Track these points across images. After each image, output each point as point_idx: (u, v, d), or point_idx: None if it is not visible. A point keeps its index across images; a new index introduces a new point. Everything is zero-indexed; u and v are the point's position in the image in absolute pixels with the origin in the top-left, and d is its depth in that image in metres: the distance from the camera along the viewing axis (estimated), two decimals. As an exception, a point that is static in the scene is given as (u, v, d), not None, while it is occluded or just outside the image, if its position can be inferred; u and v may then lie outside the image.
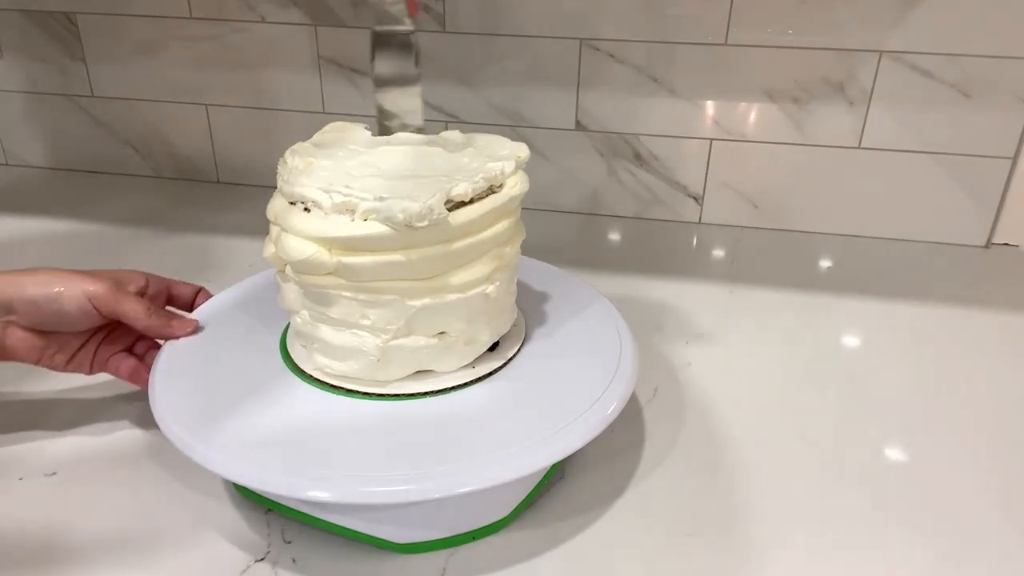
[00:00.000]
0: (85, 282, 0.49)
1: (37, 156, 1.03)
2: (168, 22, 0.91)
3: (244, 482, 0.42)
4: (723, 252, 0.84)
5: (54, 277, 0.49)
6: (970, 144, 0.81)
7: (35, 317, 0.49)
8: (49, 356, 0.51)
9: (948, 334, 0.69)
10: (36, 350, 0.50)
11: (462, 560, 0.45)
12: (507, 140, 0.52)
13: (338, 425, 0.45)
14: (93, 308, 0.49)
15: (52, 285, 0.49)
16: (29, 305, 0.48)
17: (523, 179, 0.49)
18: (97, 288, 0.49)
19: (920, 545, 0.46)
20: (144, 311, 0.51)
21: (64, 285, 0.49)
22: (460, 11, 0.84)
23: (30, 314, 0.49)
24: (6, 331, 0.49)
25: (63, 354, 0.51)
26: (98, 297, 0.49)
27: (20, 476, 0.50)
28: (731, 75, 0.82)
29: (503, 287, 0.49)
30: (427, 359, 0.48)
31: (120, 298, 0.50)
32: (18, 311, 0.49)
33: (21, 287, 0.48)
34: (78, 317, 0.49)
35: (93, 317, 0.50)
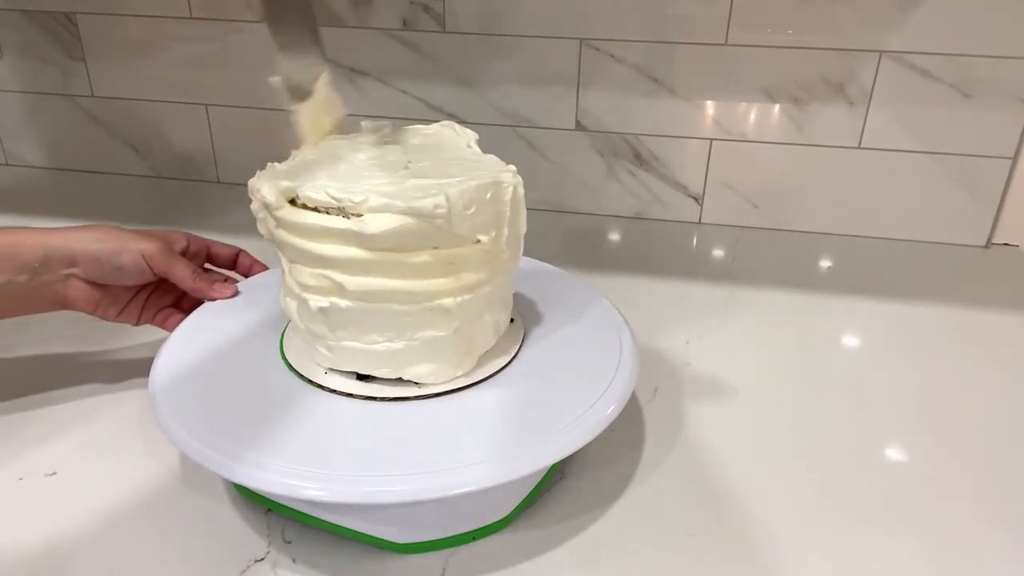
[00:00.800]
0: (141, 241, 0.54)
1: (37, 156, 1.03)
2: (168, 22, 0.91)
3: (244, 482, 0.42)
4: (723, 252, 0.84)
5: (113, 235, 0.53)
6: (970, 144, 0.81)
7: (95, 271, 0.53)
8: (103, 307, 0.55)
9: (948, 334, 0.69)
10: (92, 301, 0.54)
11: (462, 560, 0.45)
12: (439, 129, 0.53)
13: (338, 425, 0.45)
14: (147, 266, 0.54)
15: (112, 242, 0.53)
16: (91, 260, 0.52)
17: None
18: (151, 248, 0.54)
19: (920, 545, 0.46)
20: (191, 274, 0.55)
21: (122, 243, 0.53)
22: (460, 11, 0.84)
23: (91, 268, 0.53)
24: (68, 282, 0.53)
25: (115, 306, 0.56)
26: (152, 256, 0.54)
27: (20, 476, 0.50)
28: (731, 75, 0.82)
29: (469, 304, 0.47)
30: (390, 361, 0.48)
31: (171, 259, 0.54)
32: (80, 264, 0.53)
33: (84, 243, 0.52)
34: (134, 273, 0.54)
35: (147, 274, 0.54)
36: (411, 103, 0.89)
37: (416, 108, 0.89)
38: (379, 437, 0.44)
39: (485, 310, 0.48)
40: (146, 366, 0.51)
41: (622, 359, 0.50)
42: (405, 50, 0.87)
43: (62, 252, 0.52)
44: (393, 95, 0.89)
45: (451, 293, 0.46)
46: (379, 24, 0.87)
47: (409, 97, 0.89)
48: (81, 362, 0.61)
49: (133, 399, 0.57)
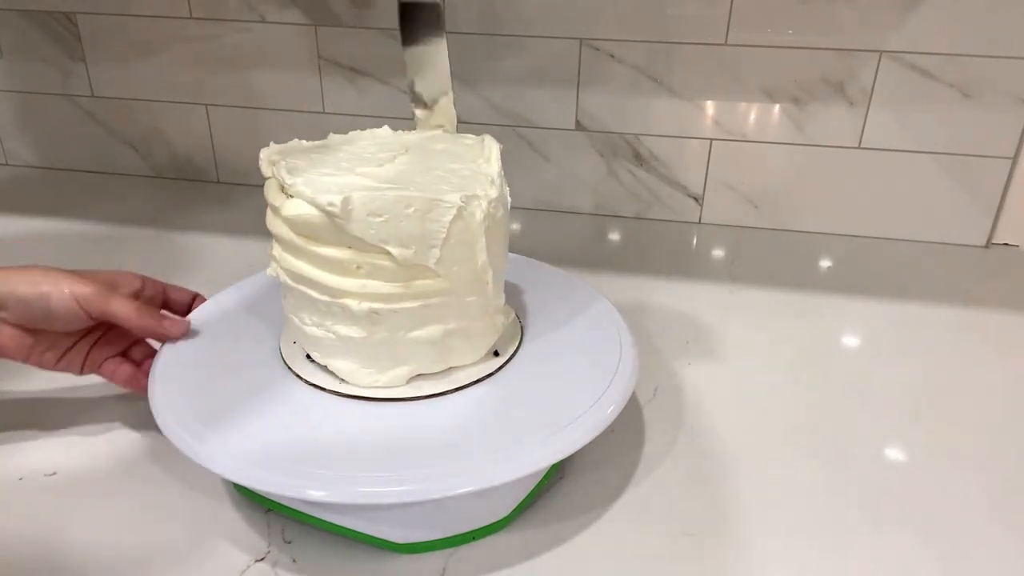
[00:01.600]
0: (74, 283, 0.49)
1: (37, 156, 1.03)
2: (168, 22, 0.91)
3: (244, 482, 0.42)
4: (723, 252, 0.84)
5: (44, 276, 0.49)
6: (970, 144, 0.81)
7: (24, 315, 0.49)
8: (38, 354, 0.51)
9: (948, 334, 0.69)
10: (25, 348, 0.50)
11: (462, 560, 0.45)
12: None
13: (338, 425, 0.45)
14: (81, 309, 0.49)
15: (41, 284, 0.49)
16: (18, 303, 0.48)
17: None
18: (85, 290, 0.49)
19: (920, 545, 0.46)
20: (135, 311, 0.50)
21: (52, 285, 0.49)
22: (460, 11, 0.84)
23: (19, 312, 0.49)
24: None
25: (53, 353, 0.51)
26: (85, 298, 0.49)
27: (20, 476, 0.50)
28: (731, 75, 0.82)
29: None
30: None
31: (108, 299, 0.50)
32: (7, 308, 0.49)
33: (11, 285, 0.48)
34: (66, 317, 0.49)
35: (81, 318, 0.50)
36: (411, 103, 0.89)
37: (416, 108, 0.89)
38: (379, 437, 0.44)
39: (415, 327, 0.47)
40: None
41: (622, 359, 0.50)
42: (405, 50, 0.87)
43: None
44: (393, 95, 0.89)
45: (356, 296, 0.45)
46: (379, 24, 0.87)
47: (409, 97, 0.89)
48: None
49: (133, 399, 0.57)
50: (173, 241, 0.85)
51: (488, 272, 0.47)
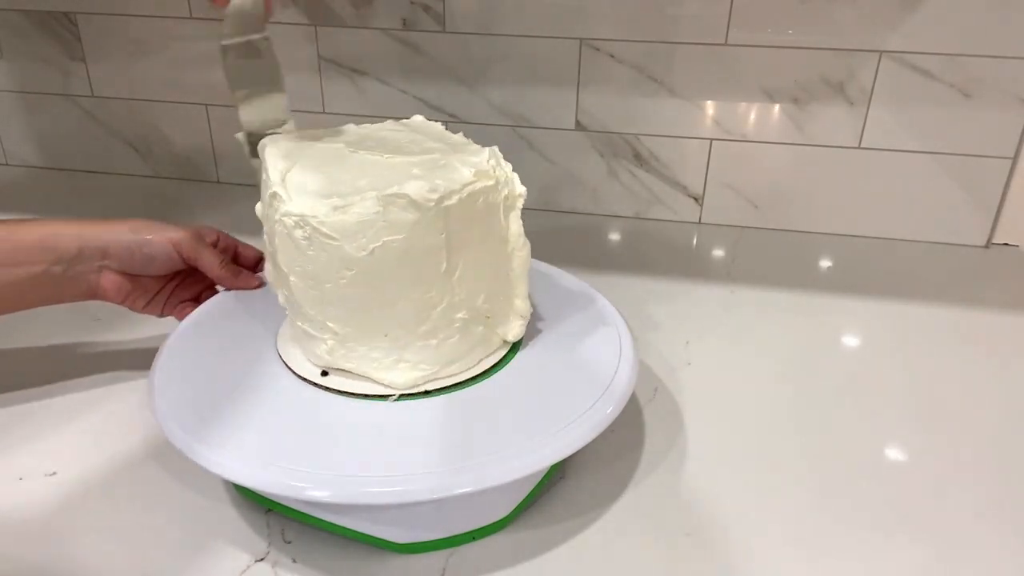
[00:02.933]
0: (170, 230, 0.56)
1: (37, 156, 1.03)
2: (168, 22, 0.91)
3: (244, 482, 0.42)
4: (723, 252, 0.84)
5: (145, 225, 0.56)
6: (970, 144, 0.81)
7: (127, 261, 0.55)
8: (133, 298, 0.57)
9: (948, 334, 0.69)
10: (123, 292, 0.56)
11: (462, 560, 0.45)
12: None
13: (337, 425, 0.45)
14: (176, 254, 0.56)
15: (143, 232, 0.55)
16: (123, 250, 0.54)
17: None
18: (181, 236, 0.56)
19: (920, 545, 0.46)
20: (218, 262, 0.57)
21: (153, 233, 0.55)
22: (460, 11, 0.84)
23: (123, 258, 0.55)
24: (101, 273, 0.55)
25: (144, 298, 0.57)
26: (181, 244, 0.56)
27: (20, 476, 0.50)
28: (731, 75, 0.82)
29: None
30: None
31: (199, 247, 0.56)
32: (113, 255, 0.54)
33: (117, 234, 0.54)
34: (163, 261, 0.56)
35: (176, 262, 0.56)
36: (411, 103, 0.89)
37: (416, 108, 0.89)
38: (379, 437, 0.44)
39: (420, 325, 0.47)
40: (146, 367, 0.51)
41: (622, 359, 0.50)
42: (405, 50, 0.87)
43: (96, 244, 0.54)
44: (393, 95, 0.89)
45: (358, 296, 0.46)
46: (379, 24, 0.87)
47: (409, 97, 0.89)
48: (81, 362, 0.61)
49: (133, 399, 0.57)
50: (173, 241, 0.84)
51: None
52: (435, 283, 0.46)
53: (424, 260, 0.45)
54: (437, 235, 0.44)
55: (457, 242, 0.45)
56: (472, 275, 0.47)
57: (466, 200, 0.45)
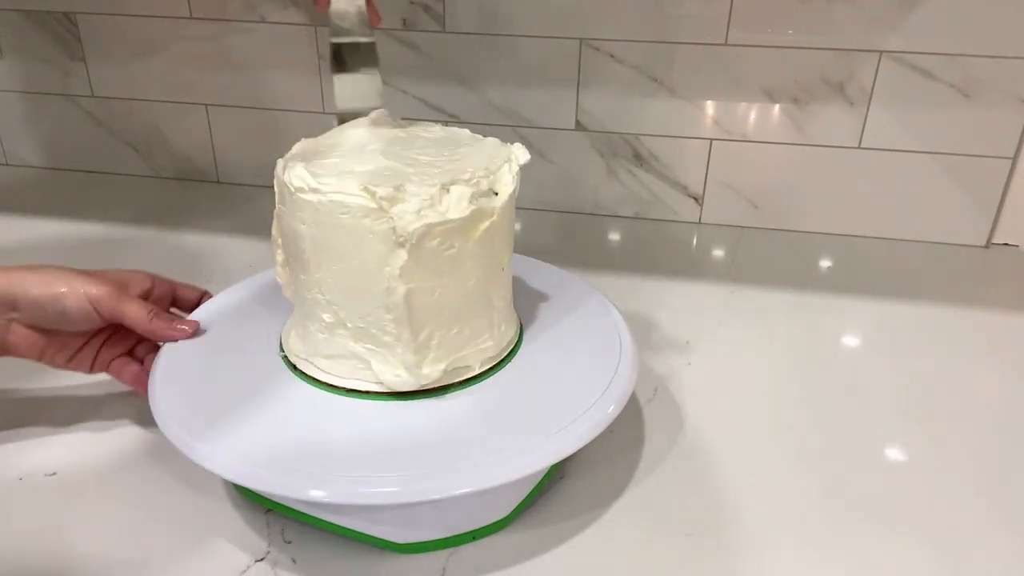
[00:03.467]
0: (88, 284, 0.49)
1: (37, 156, 1.03)
2: (168, 22, 0.91)
3: (244, 482, 0.42)
4: (723, 252, 0.84)
5: (58, 277, 0.49)
6: (970, 144, 0.81)
7: (38, 316, 0.49)
8: (50, 354, 0.51)
9: (948, 334, 0.69)
10: (37, 348, 0.50)
11: (462, 560, 0.45)
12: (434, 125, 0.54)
13: (338, 425, 0.45)
14: (94, 310, 0.49)
15: (55, 285, 0.49)
16: (32, 304, 0.48)
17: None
18: (99, 291, 0.49)
19: (920, 545, 0.46)
20: (145, 315, 0.50)
21: (67, 286, 0.49)
22: (460, 11, 0.84)
23: (32, 313, 0.49)
24: (8, 328, 0.49)
25: (64, 353, 0.52)
26: (100, 300, 0.49)
27: (20, 476, 0.50)
28: (731, 75, 0.82)
29: None
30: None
31: (122, 301, 0.50)
32: (21, 309, 0.49)
33: (25, 286, 0.48)
34: (80, 318, 0.49)
35: (94, 319, 0.50)
36: (411, 103, 0.89)
37: (416, 108, 0.89)
38: (379, 436, 0.44)
39: (426, 326, 0.47)
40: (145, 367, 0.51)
41: (622, 359, 0.50)
42: (405, 50, 0.87)
43: (1, 296, 0.48)
44: (393, 95, 0.89)
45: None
46: (379, 24, 0.87)
47: (409, 97, 0.89)
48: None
49: (133, 399, 0.57)
50: (173, 241, 0.85)
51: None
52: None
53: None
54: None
55: None
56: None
57: None
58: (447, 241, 0.44)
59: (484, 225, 0.46)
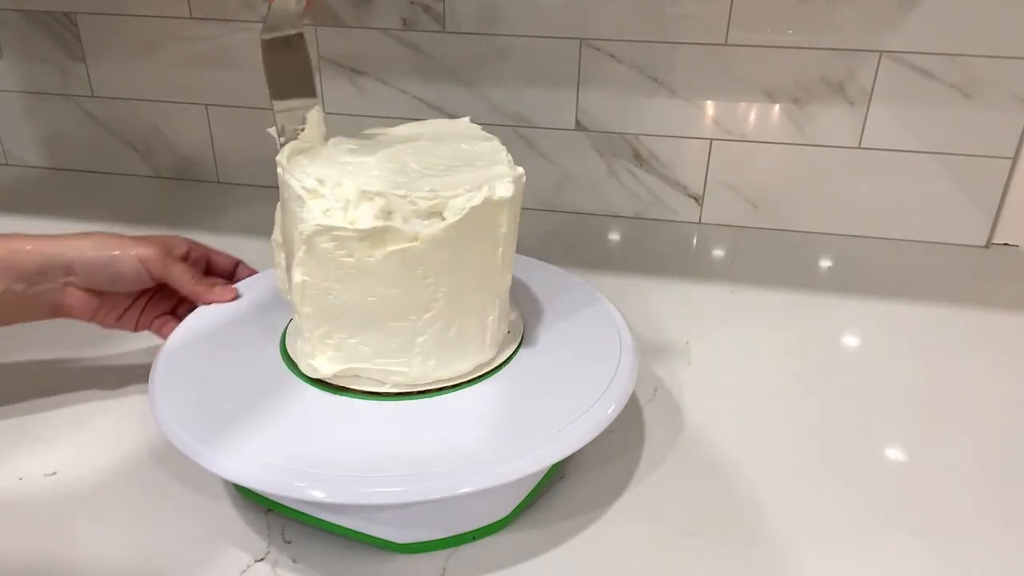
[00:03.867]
0: (138, 247, 0.53)
1: (37, 156, 1.03)
2: (168, 22, 0.91)
3: (244, 482, 0.42)
4: (723, 252, 0.84)
5: (110, 241, 0.53)
6: (970, 144, 0.81)
7: (93, 278, 0.53)
8: (102, 315, 0.55)
9: (948, 334, 0.69)
10: (91, 308, 0.54)
11: (462, 560, 0.45)
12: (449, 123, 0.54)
13: (338, 425, 0.45)
14: (145, 271, 0.53)
15: (109, 248, 0.52)
16: (88, 267, 0.52)
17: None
18: (149, 252, 0.53)
19: (919, 545, 0.46)
20: (190, 277, 0.55)
21: (120, 248, 0.53)
22: (460, 11, 0.84)
23: (88, 275, 0.52)
24: (65, 291, 0.53)
25: (114, 313, 0.55)
26: (150, 261, 0.53)
27: (20, 476, 0.50)
28: (731, 75, 0.82)
29: None
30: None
31: (169, 263, 0.54)
32: (77, 272, 0.52)
33: (81, 250, 0.52)
34: (131, 279, 0.53)
35: (144, 279, 0.54)
36: (411, 103, 0.89)
37: (416, 108, 0.89)
38: (378, 436, 0.44)
39: (425, 326, 0.47)
40: (146, 367, 0.51)
41: (622, 359, 0.50)
42: (405, 50, 0.87)
43: (59, 260, 0.51)
44: (393, 95, 0.89)
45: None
46: (379, 24, 0.87)
47: (409, 97, 0.89)
48: (81, 363, 0.61)
49: (133, 399, 0.57)
50: (173, 241, 0.84)
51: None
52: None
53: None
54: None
55: None
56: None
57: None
58: (344, 247, 0.43)
59: (394, 247, 0.43)
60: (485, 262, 0.47)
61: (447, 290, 0.46)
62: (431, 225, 0.44)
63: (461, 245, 0.45)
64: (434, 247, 0.44)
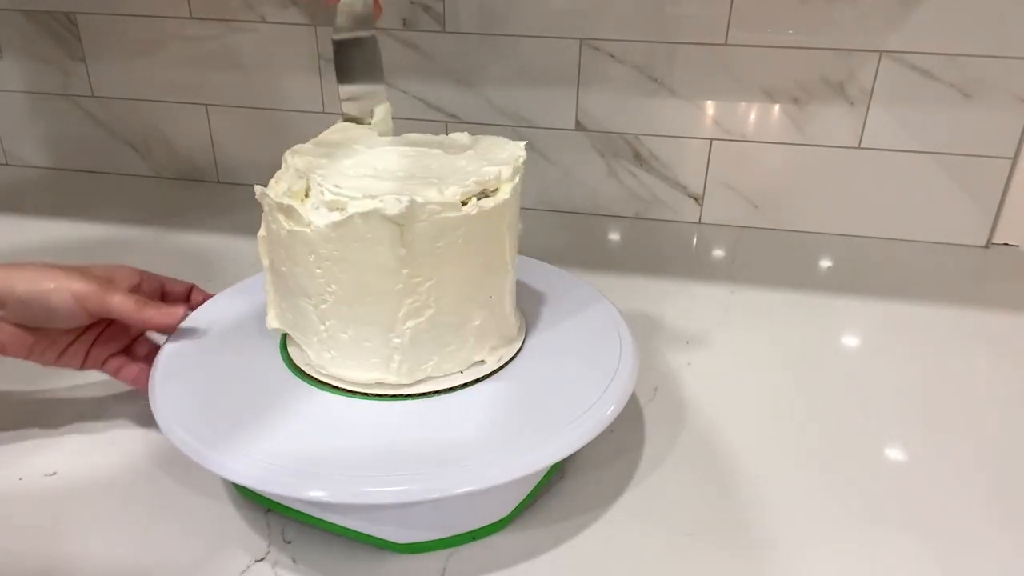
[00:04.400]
0: (73, 280, 0.48)
1: (37, 156, 1.03)
2: (168, 22, 0.91)
3: (245, 482, 0.42)
4: (723, 252, 0.84)
5: (44, 274, 0.48)
6: (970, 144, 0.81)
7: (24, 313, 0.48)
8: (39, 352, 0.51)
9: (948, 334, 0.69)
10: (25, 346, 0.50)
11: (462, 560, 0.45)
12: (507, 141, 0.52)
13: (338, 425, 0.45)
14: (81, 308, 0.49)
15: (42, 282, 0.48)
16: (18, 302, 0.48)
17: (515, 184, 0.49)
18: (85, 287, 0.49)
19: (919, 545, 0.46)
20: (133, 305, 0.50)
21: (54, 282, 0.48)
22: (460, 11, 0.84)
23: (19, 310, 0.48)
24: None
25: (53, 350, 0.51)
26: (86, 297, 0.49)
27: (20, 476, 0.50)
28: (731, 75, 0.82)
29: None
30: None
31: (107, 295, 0.49)
32: (7, 307, 0.48)
33: (11, 283, 0.47)
34: (66, 315, 0.49)
35: (81, 316, 0.49)
36: (411, 103, 0.89)
37: (416, 108, 0.89)
38: (379, 437, 0.44)
39: (426, 325, 0.47)
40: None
41: (622, 359, 0.50)
42: (405, 50, 0.87)
43: None
44: (393, 95, 0.89)
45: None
46: (379, 24, 0.86)
47: (409, 97, 0.89)
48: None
49: (133, 399, 0.57)
50: (173, 241, 0.85)
51: None
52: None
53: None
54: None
55: None
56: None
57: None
58: (272, 215, 0.47)
59: (295, 227, 0.45)
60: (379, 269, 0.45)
61: (336, 287, 0.46)
62: (326, 217, 0.44)
63: (351, 247, 0.44)
64: (322, 239, 0.44)
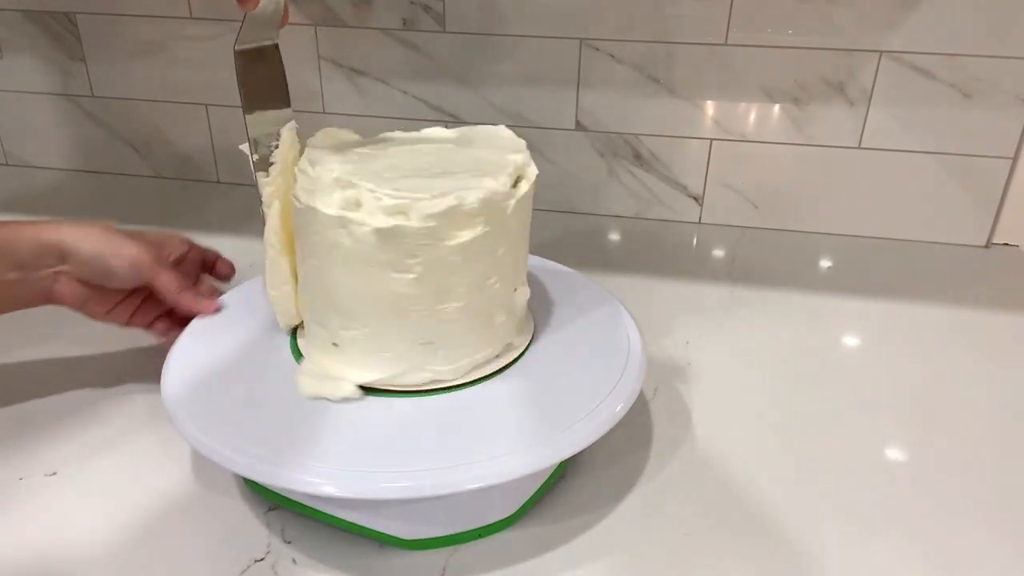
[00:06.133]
0: (132, 247, 0.53)
1: (37, 156, 1.03)
2: (168, 22, 0.91)
3: (253, 476, 0.42)
4: (723, 252, 0.84)
5: (108, 237, 0.53)
6: (970, 144, 0.81)
7: (85, 271, 0.53)
8: (91, 306, 0.55)
9: (948, 334, 0.69)
10: (80, 299, 0.54)
11: (468, 557, 0.45)
12: (493, 128, 0.53)
13: (346, 421, 0.45)
14: (136, 272, 0.53)
15: (105, 245, 0.53)
16: (81, 261, 0.52)
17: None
18: (141, 256, 0.53)
19: (920, 545, 0.46)
20: (175, 286, 0.54)
21: (116, 247, 0.53)
22: (460, 11, 0.84)
23: (82, 268, 0.53)
24: (57, 279, 0.53)
25: (104, 305, 0.55)
26: (141, 264, 0.53)
27: (20, 476, 0.50)
28: (731, 75, 0.82)
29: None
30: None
31: (157, 270, 0.54)
32: (71, 262, 0.52)
33: (77, 241, 0.52)
34: (122, 278, 0.53)
35: (134, 280, 0.54)
36: (411, 103, 0.89)
37: (416, 108, 0.89)
38: (388, 432, 0.44)
39: (439, 322, 0.47)
40: (146, 367, 0.51)
41: (630, 358, 0.50)
42: (405, 50, 0.87)
43: (54, 248, 0.52)
44: (393, 95, 0.89)
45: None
46: (379, 24, 0.87)
47: (409, 97, 0.89)
48: (81, 363, 0.61)
49: (133, 400, 0.57)
50: (173, 241, 0.84)
51: None
52: None
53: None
54: None
55: None
56: None
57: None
58: (314, 226, 0.47)
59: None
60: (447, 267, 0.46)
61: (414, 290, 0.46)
62: (389, 221, 0.44)
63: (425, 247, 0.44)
64: (412, 240, 0.44)
